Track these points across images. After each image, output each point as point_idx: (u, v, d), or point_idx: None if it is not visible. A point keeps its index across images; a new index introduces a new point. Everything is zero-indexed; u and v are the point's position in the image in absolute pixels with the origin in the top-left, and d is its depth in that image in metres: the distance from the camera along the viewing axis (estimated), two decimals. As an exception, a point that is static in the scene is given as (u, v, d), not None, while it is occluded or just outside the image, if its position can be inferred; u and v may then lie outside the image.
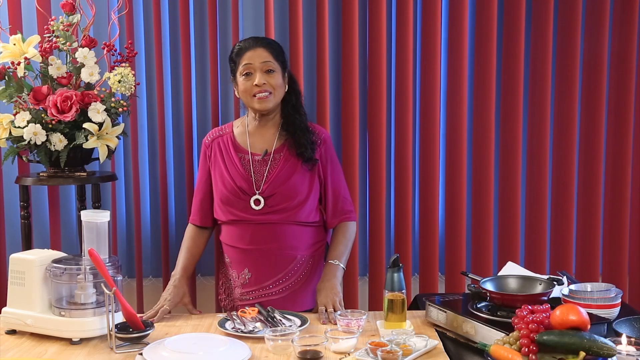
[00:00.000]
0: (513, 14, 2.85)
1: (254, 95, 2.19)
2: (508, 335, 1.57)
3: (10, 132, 2.45)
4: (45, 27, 2.58)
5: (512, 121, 2.89)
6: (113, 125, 2.51)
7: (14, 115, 2.46)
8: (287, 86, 2.27)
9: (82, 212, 1.81)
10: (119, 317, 1.80)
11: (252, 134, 2.30)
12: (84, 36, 2.56)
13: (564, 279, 2.06)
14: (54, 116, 2.39)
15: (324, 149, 2.30)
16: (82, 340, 1.79)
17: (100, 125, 2.46)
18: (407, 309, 1.90)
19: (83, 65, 2.49)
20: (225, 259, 2.31)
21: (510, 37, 2.87)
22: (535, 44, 2.88)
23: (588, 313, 1.55)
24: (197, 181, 2.36)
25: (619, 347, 1.47)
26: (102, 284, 1.77)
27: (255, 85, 2.18)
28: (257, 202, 2.21)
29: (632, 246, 3.01)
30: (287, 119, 2.28)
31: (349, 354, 1.66)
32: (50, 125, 2.42)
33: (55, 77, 2.50)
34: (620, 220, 2.97)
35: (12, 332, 1.87)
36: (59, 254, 1.90)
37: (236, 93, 2.30)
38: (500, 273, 2.19)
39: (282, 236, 2.19)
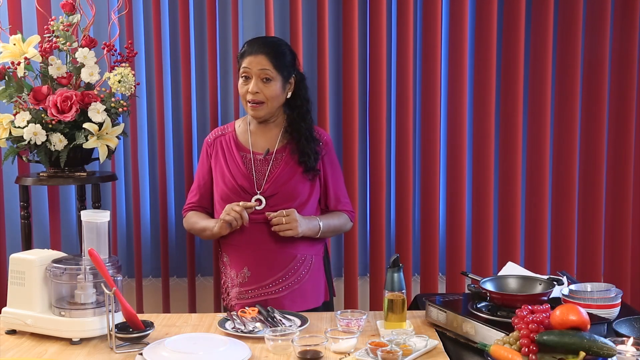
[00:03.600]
0: (513, 14, 2.85)
1: (248, 101, 2.21)
2: (508, 335, 1.57)
3: (10, 132, 2.45)
4: (45, 27, 2.58)
5: (513, 121, 2.89)
6: (113, 125, 2.51)
7: (14, 115, 2.46)
8: (290, 93, 2.26)
9: (82, 212, 1.81)
10: (119, 317, 1.79)
11: (254, 133, 2.30)
12: (84, 36, 2.56)
13: (564, 279, 2.05)
14: (54, 116, 2.39)
15: (325, 152, 2.30)
16: (82, 340, 1.79)
17: (100, 125, 2.46)
18: (407, 309, 1.90)
19: (83, 65, 2.49)
20: (224, 258, 2.30)
21: (510, 37, 2.87)
22: (535, 44, 2.88)
23: (588, 313, 1.55)
24: (197, 177, 2.35)
25: (619, 347, 1.47)
26: (102, 284, 1.77)
27: (249, 92, 2.19)
28: (258, 201, 2.20)
29: (634, 246, 3.00)
30: (292, 124, 2.27)
31: (349, 354, 1.65)
32: (50, 125, 2.42)
33: (55, 77, 2.50)
34: (622, 219, 2.97)
35: (12, 332, 1.87)
36: (59, 254, 1.90)
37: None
38: (500, 273, 2.19)
39: (282, 235, 2.18)
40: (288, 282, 2.21)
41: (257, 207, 2.20)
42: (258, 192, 2.21)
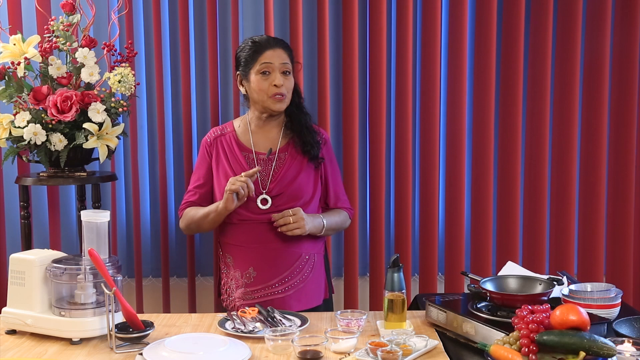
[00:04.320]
0: (513, 14, 2.85)
1: (271, 96, 2.19)
2: (508, 335, 1.57)
3: (10, 132, 2.45)
4: (45, 27, 2.58)
5: (512, 121, 2.89)
6: (113, 125, 2.51)
7: (14, 115, 2.46)
8: None
9: (82, 212, 1.80)
10: (119, 317, 1.79)
11: (255, 133, 2.29)
12: (84, 36, 2.56)
13: (564, 279, 2.05)
14: (54, 116, 2.39)
15: (325, 149, 2.31)
16: (82, 340, 1.79)
17: (100, 125, 2.46)
18: (407, 309, 1.90)
19: (83, 65, 2.49)
20: (227, 259, 2.29)
21: (510, 37, 2.87)
22: (535, 44, 2.88)
23: (588, 313, 1.55)
24: (196, 177, 2.32)
25: (619, 347, 1.47)
26: (102, 284, 1.77)
27: (275, 85, 2.18)
28: (264, 201, 2.20)
29: (636, 245, 3.00)
30: (292, 117, 2.28)
31: (349, 354, 1.65)
32: (50, 125, 2.42)
33: (55, 77, 2.50)
34: (623, 219, 2.96)
35: (12, 332, 1.87)
36: (59, 254, 1.90)
37: (242, 89, 2.29)
38: (500, 273, 2.19)
39: (290, 235, 2.16)
40: (294, 281, 2.21)
41: (262, 207, 2.20)
42: (263, 191, 2.21)
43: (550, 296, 1.82)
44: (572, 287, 1.96)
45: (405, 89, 2.87)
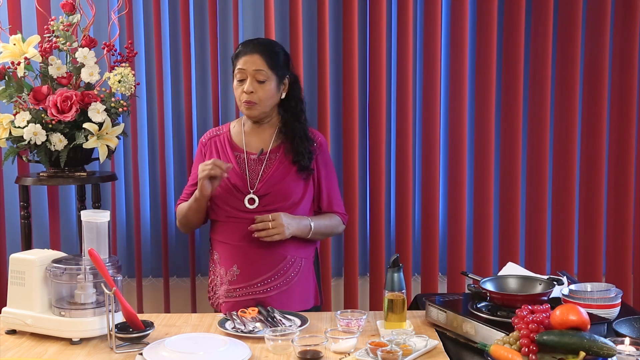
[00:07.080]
0: (513, 14, 2.85)
1: (243, 102, 2.20)
2: (508, 335, 1.57)
3: (10, 132, 2.45)
4: (45, 27, 2.58)
5: (513, 122, 2.89)
6: (113, 125, 2.51)
7: (14, 115, 2.46)
8: (284, 94, 2.25)
9: (82, 212, 1.81)
10: (119, 317, 1.80)
11: (248, 133, 2.30)
12: (84, 36, 2.56)
13: (564, 279, 2.05)
14: (54, 116, 2.39)
15: (319, 153, 2.29)
16: (82, 340, 1.79)
17: (100, 125, 2.46)
18: (407, 309, 1.90)
19: (83, 65, 2.49)
20: (214, 256, 2.30)
21: (510, 37, 2.87)
22: (535, 45, 2.88)
23: (588, 313, 1.55)
24: (192, 177, 2.33)
25: (619, 347, 1.47)
26: (102, 284, 1.77)
27: (244, 92, 2.18)
28: (251, 201, 2.20)
29: (636, 246, 3.00)
30: (285, 124, 2.26)
31: (349, 354, 1.66)
32: (50, 125, 2.42)
33: (55, 77, 2.50)
34: (623, 220, 2.96)
35: (12, 332, 1.87)
36: (59, 254, 1.90)
37: None
38: (501, 273, 2.19)
39: (269, 240, 2.15)
40: (277, 283, 2.20)
41: (250, 206, 2.20)
42: (251, 191, 2.21)
43: (550, 296, 1.82)
44: (572, 287, 1.96)
45: (406, 89, 2.87)
